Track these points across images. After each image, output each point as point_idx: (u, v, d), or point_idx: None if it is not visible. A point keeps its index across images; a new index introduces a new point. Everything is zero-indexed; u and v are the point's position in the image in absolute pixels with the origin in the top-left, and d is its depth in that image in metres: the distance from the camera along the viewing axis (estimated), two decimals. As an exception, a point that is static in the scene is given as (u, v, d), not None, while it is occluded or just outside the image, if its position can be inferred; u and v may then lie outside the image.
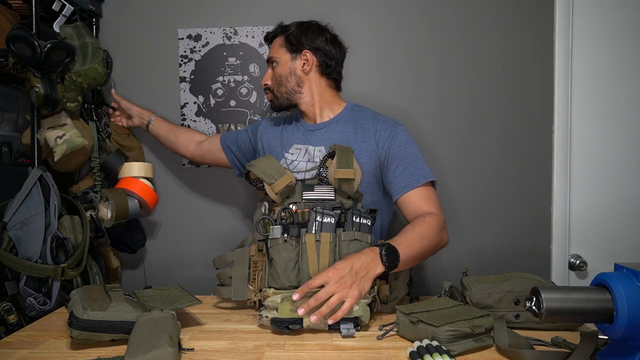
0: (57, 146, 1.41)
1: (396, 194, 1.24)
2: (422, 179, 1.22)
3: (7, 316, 1.20)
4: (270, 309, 1.02)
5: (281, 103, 1.36)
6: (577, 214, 1.61)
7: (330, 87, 1.37)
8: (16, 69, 1.37)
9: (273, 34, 1.39)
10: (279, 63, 1.34)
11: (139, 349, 0.80)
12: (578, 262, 1.59)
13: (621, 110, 1.59)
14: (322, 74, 1.35)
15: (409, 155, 1.25)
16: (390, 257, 1.04)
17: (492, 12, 1.62)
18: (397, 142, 1.26)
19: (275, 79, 1.35)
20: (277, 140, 1.38)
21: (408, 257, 1.08)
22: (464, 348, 0.88)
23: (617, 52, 1.58)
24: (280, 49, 1.34)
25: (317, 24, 1.36)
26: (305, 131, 1.36)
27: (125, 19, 1.69)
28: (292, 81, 1.33)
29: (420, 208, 1.21)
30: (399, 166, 1.24)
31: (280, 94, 1.34)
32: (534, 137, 1.62)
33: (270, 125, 1.44)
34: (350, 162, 1.14)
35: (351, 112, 1.35)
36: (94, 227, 1.45)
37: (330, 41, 1.34)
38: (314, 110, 1.35)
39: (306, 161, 1.30)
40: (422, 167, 1.24)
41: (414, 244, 1.09)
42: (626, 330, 0.73)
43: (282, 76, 1.33)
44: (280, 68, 1.34)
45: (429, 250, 1.14)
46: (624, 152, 1.59)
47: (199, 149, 1.54)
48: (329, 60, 1.33)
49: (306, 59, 1.32)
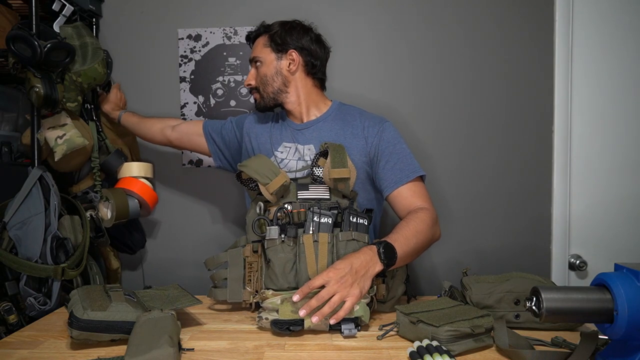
0: (57, 146, 1.41)
1: (387, 189, 1.24)
2: (411, 174, 1.23)
3: (7, 316, 1.20)
4: (269, 310, 1.02)
5: (267, 103, 1.34)
6: (577, 214, 1.61)
7: (315, 86, 1.37)
8: (16, 69, 1.37)
9: (255, 33, 1.37)
10: (264, 63, 1.32)
11: (139, 349, 0.80)
12: (578, 262, 1.59)
13: (621, 110, 1.59)
14: (308, 73, 1.34)
15: (398, 150, 1.26)
16: (388, 255, 1.04)
17: (491, 12, 1.62)
18: (385, 137, 1.27)
19: (261, 79, 1.33)
20: (266, 137, 1.37)
21: (404, 253, 1.08)
22: (464, 348, 0.88)
23: (617, 52, 1.58)
24: (265, 49, 1.32)
25: (300, 23, 1.36)
26: (293, 130, 1.35)
27: (125, 19, 1.69)
28: (278, 81, 1.32)
29: (412, 203, 1.21)
30: (388, 162, 1.25)
31: (267, 94, 1.32)
32: (534, 137, 1.62)
33: (257, 121, 1.42)
34: (344, 161, 1.13)
35: (337, 111, 1.35)
36: (94, 227, 1.45)
37: (315, 41, 1.34)
38: (301, 110, 1.35)
39: (297, 160, 1.29)
40: (411, 162, 1.25)
41: (410, 240, 1.10)
42: (626, 330, 0.73)
43: (267, 76, 1.32)
44: (265, 68, 1.32)
45: (423, 245, 1.15)
46: (624, 152, 1.59)
47: (175, 132, 1.50)
48: (314, 59, 1.33)
49: (292, 59, 1.31)
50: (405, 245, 1.08)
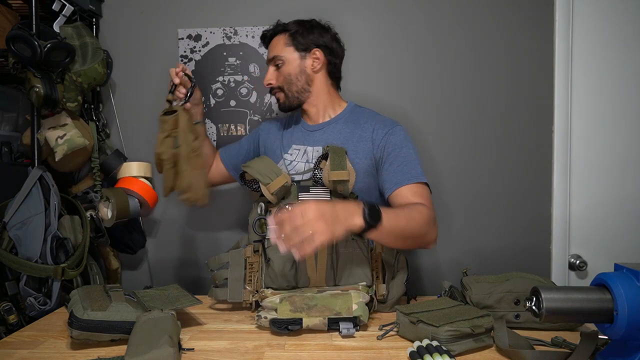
0: (57, 146, 1.41)
1: (388, 190, 1.21)
2: (413, 178, 1.19)
3: (7, 316, 1.20)
4: (268, 309, 1.02)
5: (292, 103, 1.32)
6: (577, 214, 1.61)
7: (333, 86, 1.37)
8: (16, 69, 1.37)
9: (272, 32, 1.35)
10: (286, 62, 1.30)
11: (139, 349, 0.80)
12: (578, 262, 1.59)
13: (621, 110, 1.59)
14: (328, 72, 1.34)
15: (403, 154, 1.22)
16: (372, 215, 0.98)
17: (492, 13, 1.62)
18: (392, 140, 1.24)
19: (285, 78, 1.31)
20: (277, 142, 1.38)
21: (390, 226, 1.01)
22: (464, 348, 0.88)
23: (617, 52, 1.58)
24: (287, 48, 1.30)
25: (318, 22, 1.35)
26: (305, 132, 1.35)
27: (125, 19, 1.69)
28: (302, 80, 1.31)
29: (412, 202, 1.16)
30: (392, 164, 1.22)
31: (292, 93, 1.31)
32: (534, 137, 1.62)
33: (270, 129, 1.43)
34: (343, 164, 1.13)
35: (351, 113, 1.34)
36: (94, 227, 1.45)
37: (335, 39, 1.34)
38: (318, 110, 1.34)
39: (304, 162, 1.30)
40: (415, 168, 1.21)
41: (400, 218, 1.04)
42: (626, 330, 0.73)
43: (292, 75, 1.30)
44: (288, 67, 1.30)
45: (413, 234, 1.08)
46: (624, 152, 1.59)
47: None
48: (335, 58, 1.33)
49: (316, 58, 1.30)
50: (394, 220, 1.02)
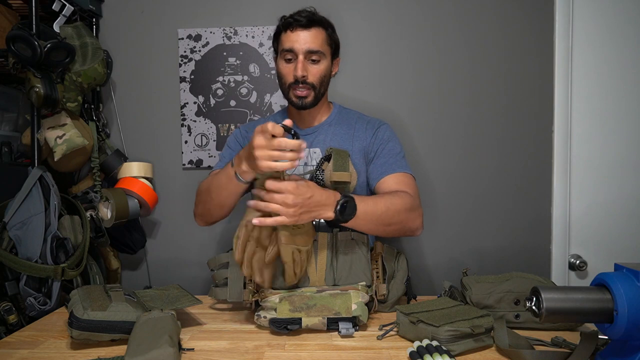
0: (57, 146, 1.41)
1: (373, 181, 1.22)
2: (398, 168, 1.21)
3: (7, 316, 1.20)
4: (268, 309, 1.02)
5: (313, 104, 1.25)
6: (577, 214, 1.61)
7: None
8: (16, 69, 1.37)
9: (311, 20, 1.19)
10: (323, 60, 1.22)
11: (139, 349, 0.80)
12: (578, 262, 1.59)
13: (621, 110, 1.59)
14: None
15: (389, 148, 1.25)
16: (344, 211, 1.00)
17: (492, 12, 1.62)
18: (379, 136, 1.27)
19: (319, 77, 1.22)
20: None
21: (367, 213, 1.03)
22: (464, 348, 0.88)
23: (617, 52, 1.58)
24: (326, 46, 1.22)
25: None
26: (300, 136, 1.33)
27: (125, 19, 1.69)
28: (326, 84, 1.27)
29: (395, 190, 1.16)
30: (378, 158, 1.24)
31: (319, 94, 1.24)
32: (534, 137, 1.62)
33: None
34: (346, 165, 1.13)
35: (339, 114, 1.34)
36: (94, 227, 1.45)
37: None
38: (315, 115, 1.32)
39: (302, 165, 1.30)
40: (400, 160, 1.23)
41: (379, 205, 1.05)
42: (626, 330, 0.73)
43: (325, 76, 1.24)
44: (324, 66, 1.23)
45: (393, 221, 1.08)
46: (624, 152, 1.59)
47: None
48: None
49: (337, 65, 1.30)
50: (372, 206, 1.04)
